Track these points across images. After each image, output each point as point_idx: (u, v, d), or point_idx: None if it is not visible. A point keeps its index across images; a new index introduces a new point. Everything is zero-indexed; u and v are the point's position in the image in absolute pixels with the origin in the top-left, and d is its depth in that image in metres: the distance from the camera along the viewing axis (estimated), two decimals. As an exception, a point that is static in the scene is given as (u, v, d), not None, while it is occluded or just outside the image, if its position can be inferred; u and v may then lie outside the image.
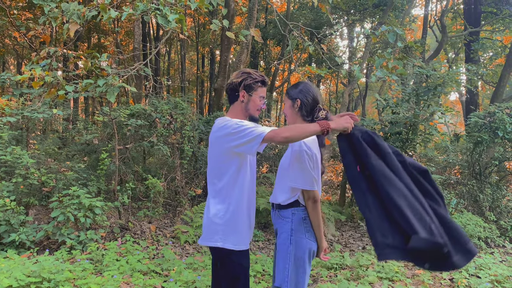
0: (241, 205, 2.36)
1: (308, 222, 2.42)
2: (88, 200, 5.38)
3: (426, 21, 16.07)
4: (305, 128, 2.19)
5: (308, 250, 2.39)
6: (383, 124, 7.60)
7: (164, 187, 6.91)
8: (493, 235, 6.38)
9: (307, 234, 2.40)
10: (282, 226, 2.45)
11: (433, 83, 6.14)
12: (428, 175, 2.37)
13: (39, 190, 6.13)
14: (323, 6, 4.82)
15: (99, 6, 4.64)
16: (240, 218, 2.35)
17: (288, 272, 2.35)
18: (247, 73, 2.46)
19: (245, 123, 2.27)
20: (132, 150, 7.39)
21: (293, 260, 2.36)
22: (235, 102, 2.49)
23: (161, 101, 7.62)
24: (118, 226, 6.02)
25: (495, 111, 7.00)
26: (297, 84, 2.57)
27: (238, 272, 2.32)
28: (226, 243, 2.29)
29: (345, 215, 7.49)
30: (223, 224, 2.30)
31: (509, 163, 9.72)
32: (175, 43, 24.20)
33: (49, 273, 3.38)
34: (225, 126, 2.29)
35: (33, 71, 3.81)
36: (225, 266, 2.33)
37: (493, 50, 13.14)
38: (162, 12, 3.32)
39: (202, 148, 7.77)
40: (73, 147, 7.71)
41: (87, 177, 6.73)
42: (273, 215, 2.56)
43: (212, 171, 2.41)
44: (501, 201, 7.32)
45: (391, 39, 4.60)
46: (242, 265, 2.33)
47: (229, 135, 2.25)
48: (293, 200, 2.41)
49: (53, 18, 4.72)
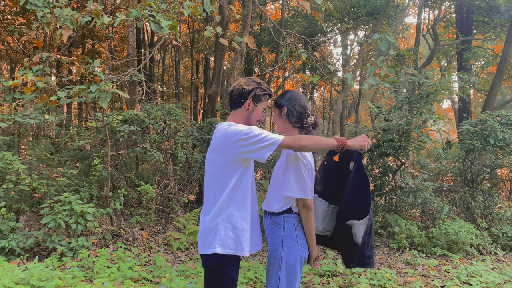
0: (243, 211, 2.33)
1: (300, 229, 2.42)
2: (80, 207, 5.34)
3: (419, 30, 16.22)
4: (322, 140, 2.29)
5: (300, 257, 2.39)
6: (376, 131, 7.63)
7: (157, 194, 6.88)
8: (485, 242, 6.40)
9: (299, 241, 2.40)
10: (274, 232, 2.45)
11: (425, 91, 6.18)
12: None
13: (30, 196, 6.08)
14: (316, 14, 4.84)
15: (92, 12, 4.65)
16: (241, 223, 2.32)
17: (279, 278, 2.35)
18: (258, 83, 2.47)
19: (253, 128, 2.24)
20: (125, 157, 7.36)
21: (285, 266, 2.36)
22: (238, 108, 2.45)
23: (155, 107, 7.60)
24: (110, 233, 5.97)
25: (486, 119, 7.05)
26: (284, 93, 2.61)
27: (226, 284, 2.30)
28: (226, 249, 2.25)
29: (338, 222, 7.48)
30: (223, 229, 2.27)
31: (500, 170, 9.80)
32: (169, 49, 24.23)
33: (38, 281, 3.34)
34: (233, 132, 2.23)
35: (25, 76, 3.79)
36: (214, 276, 2.30)
37: (485, 58, 13.27)
38: (156, 19, 3.32)
39: (195, 155, 7.76)
40: (66, 153, 7.66)
41: (79, 183, 6.68)
42: (265, 221, 2.56)
43: (214, 178, 2.34)
44: (493, 208, 7.37)
45: (383, 47, 4.63)
46: (232, 278, 2.31)
47: (239, 141, 2.20)
48: (286, 208, 2.42)
49: (46, 24, 4.71)
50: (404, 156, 7.20)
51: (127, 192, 6.63)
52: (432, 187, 7.30)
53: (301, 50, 4.58)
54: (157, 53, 23.96)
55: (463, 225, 6.42)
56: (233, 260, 2.31)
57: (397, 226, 6.54)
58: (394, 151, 7.14)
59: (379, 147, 7.30)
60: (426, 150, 12.70)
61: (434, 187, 7.55)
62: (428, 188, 7.04)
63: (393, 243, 6.43)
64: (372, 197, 2.67)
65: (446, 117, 7.08)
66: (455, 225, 6.33)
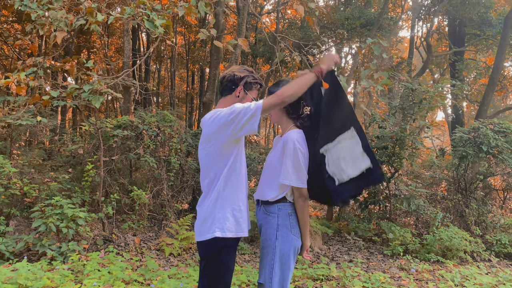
0: (240, 193, 2.32)
1: (294, 218, 2.40)
2: (71, 211, 5.28)
3: (412, 42, 16.39)
4: (302, 80, 2.25)
5: (294, 247, 2.38)
6: (370, 139, 7.65)
7: (150, 199, 6.83)
8: (479, 248, 6.38)
9: (293, 230, 2.38)
10: (267, 221, 2.42)
11: (418, 97, 6.22)
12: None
13: (21, 200, 6.01)
14: (310, 18, 4.89)
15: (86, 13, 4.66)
16: (238, 204, 2.31)
17: (273, 267, 2.32)
18: (250, 72, 2.46)
19: (235, 106, 2.21)
20: (118, 163, 7.31)
21: (279, 256, 2.34)
22: (228, 95, 2.43)
23: (149, 114, 7.59)
24: (102, 238, 5.90)
25: (479, 126, 7.10)
26: (278, 82, 2.57)
27: (223, 272, 2.27)
28: (225, 232, 2.23)
29: (333, 229, 7.45)
30: (221, 213, 2.25)
31: (494, 179, 9.83)
32: (165, 60, 24.32)
33: (26, 280, 3.28)
34: (219, 118, 2.23)
35: (18, 76, 3.78)
36: (211, 264, 2.27)
37: (477, 70, 13.42)
38: (150, 17, 3.33)
39: (189, 162, 7.73)
40: (58, 159, 7.61)
41: (71, 188, 6.62)
42: (258, 211, 2.53)
43: (208, 166, 2.33)
44: (487, 216, 7.37)
45: (376, 52, 4.66)
46: (228, 267, 2.29)
47: (227, 124, 2.19)
48: (281, 197, 2.40)
49: (40, 25, 4.71)
50: (397, 163, 7.21)
51: (120, 197, 6.57)
52: (425, 194, 7.30)
53: (295, 53, 4.61)
54: (153, 64, 24.05)
55: (457, 232, 6.41)
56: (231, 247, 2.29)
57: (391, 233, 6.52)
58: (388, 159, 7.16)
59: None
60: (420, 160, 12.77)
61: (428, 194, 7.55)
62: (422, 195, 7.04)
63: (387, 250, 6.40)
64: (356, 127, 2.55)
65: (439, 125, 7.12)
66: (449, 231, 6.32)
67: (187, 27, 20.21)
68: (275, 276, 2.32)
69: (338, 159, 2.43)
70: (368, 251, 6.59)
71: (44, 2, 4.85)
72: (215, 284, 2.27)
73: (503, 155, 6.76)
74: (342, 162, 2.44)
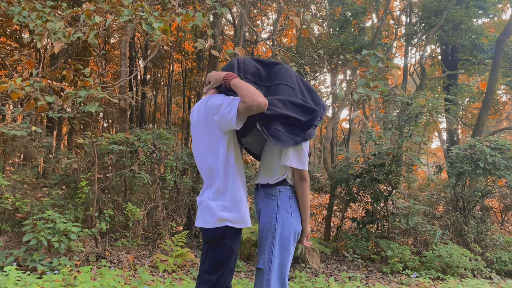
0: (238, 182, 2.28)
1: (294, 201, 2.36)
2: (64, 225, 5.17)
3: (406, 70, 16.66)
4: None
5: (294, 230, 2.31)
6: (367, 157, 7.64)
7: (144, 216, 6.71)
8: (479, 265, 6.26)
9: (293, 214, 2.33)
10: (267, 204, 2.37)
11: (414, 111, 6.25)
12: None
13: (12, 216, 5.89)
14: (306, 31, 4.95)
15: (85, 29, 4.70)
16: (239, 193, 2.27)
17: (273, 251, 2.25)
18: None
19: (226, 100, 2.22)
20: (112, 180, 7.22)
21: (278, 239, 2.27)
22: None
23: (145, 132, 7.56)
24: (94, 255, 5.75)
25: (475, 143, 7.11)
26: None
27: (227, 255, 2.20)
28: (231, 222, 2.20)
29: (330, 249, 7.32)
30: (227, 203, 2.22)
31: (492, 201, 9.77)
32: (162, 88, 24.51)
33: (14, 285, 3.16)
34: (209, 109, 2.26)
35: (13, 81, 3.76)
36: (215, 247, 2.21)
37: (470, 94, 13.61)
38: (148, 20, 3.35)
39: (185, 179, 7.65)
40: (52, 177, 7.51)
41: (64, 205, 6.51)
42: (257, 195, 2.48)
43: (205, 156, 2.32)
44: (486, 234, 7.27)
45: (372, 62, 4.71)
46: (233, 250, 2.23)
47: (214, 116, 2.22)
48: (282, 179, 2.36)
49: (38, 36, 4.73)
50: (395, 180, 7.16)
51: (113, 213, 6.45)
52: (424, 211, 7.23)
53: (291, 64, 4.64)
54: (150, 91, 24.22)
55: (456, 249, 6.31)
56: (235, 232, 2.24)
57: (390, 250, 6.40)
58: (385, 176, 7.11)
59: (370, 172, 7.28)
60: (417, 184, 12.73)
61: (426, 211, 7.48)
62: (420, 212, 6.97)
63: (386, 267, 6.27)
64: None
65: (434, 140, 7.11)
66: (448, 248, 6.22)
67: (184, 54, 20.51)
68: (274, 260, 2.24)
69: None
70: (367, 269, 6.45)
71: (42, 15, 4.90)
72: (219, 268, 2.19)
73: (501, 171, 6.73)
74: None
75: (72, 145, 12.21)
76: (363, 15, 15.03)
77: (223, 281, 2.19)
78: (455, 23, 13.49)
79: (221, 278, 2.18)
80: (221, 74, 2.28)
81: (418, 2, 16.15)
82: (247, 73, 2.35)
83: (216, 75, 2.32)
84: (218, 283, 2.17)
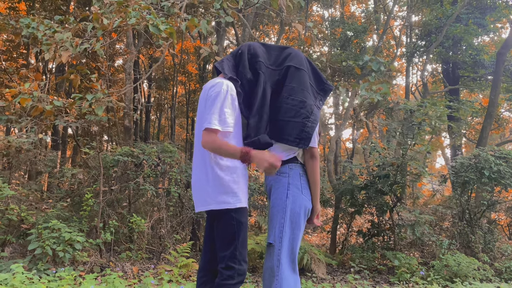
0: (239, 163, 2.29)
1: (305, 179, 2.39)
2: (69, 234, 5.17)
3: (408, 89, 16.80)
4: (227, 151, 2.17)
5: (304, 207, 2.33)
6: (371, 169, 7.63)
7: (148, 228, 6.69)
8: (488, 274, 6.18)
9: (304, 191, 2.35)
10: (278, 181, 2.40)
11: (417, 119, 6.27)
12: None
13: (17, 227, 5.89)
14: (308, 39, 5.04)
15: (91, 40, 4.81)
16: (241, 174, 2.28)
17: (284, 227, 2.26)
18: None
19: (218, 99, 2.22)
20: (117, 193, 7.23)
21: (289, 215, 2.28)
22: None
23: (149, 145, 7.61)
24: (99, 266, 5.72)
25: (479, 153, 7.10)
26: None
27: (237, 229, 2.19)
28: (236, 203, 2.21)
29: (337, 261, 7.24)
30: (232, 183, 2.22)
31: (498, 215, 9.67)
32: (165, 110, 24.71)
33: (21, 283, 3.15)
34: (208, 97, 2.28)
35: (21, 85, 3.84)
36: (223, 224, 2.20)
37: (473, 109, 13.65)
38: (154, 23, 3.45)
39: (189, 192, 7.64)
40: (57, 191, 7.53)
41: (69, 218, 6.50)
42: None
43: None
44: (494, 244, 7.19)
45: (374, 67, 4.78)
46: (241, 222, 2.21)
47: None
48: (292, 156, 2.39)
49: (46, 46, 4.84)
50: (400, 191, 7.14)
51: (118, 224, 6.44)
52: (430, 221, 7.17)
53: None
54: (153, 114, 24.41)
55: (464, 257, 6.23)
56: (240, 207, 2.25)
57: (396, 260, 6.33)
58: (390, 188, 7.08)
59: (374, 184, 7.26)
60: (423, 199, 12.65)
61: (432, 222, 7.42)
62: (425, 221, 6.91)
63: (394, 278, 6.19)
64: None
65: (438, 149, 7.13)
66: (455, 257, 6.15)
67: (187, 76, 20.76)
68: (285, 235, 2.25)
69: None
70: (374, 280, 6.37)
71: (50, 25, 5.01)
72: (231, 242, 2.18)
73: (506, 180, 6.71)
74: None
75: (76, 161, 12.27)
76: (364, 34, 15.25)
77: (238, 255, 2.17)
78: (455, 40, 13.67)
79: (236, 252, 2.17)
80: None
81: (418, 21, 16.42)
82: (258, 57, 2.41)
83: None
84: (233, 257, 2.16)
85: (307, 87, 2.41)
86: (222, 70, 2.33)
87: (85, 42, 4.89)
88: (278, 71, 2.44)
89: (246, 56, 2.39)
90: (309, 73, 2.50)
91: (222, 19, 4.57)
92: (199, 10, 10.20)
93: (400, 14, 18.31)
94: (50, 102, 4.06)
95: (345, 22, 15.39)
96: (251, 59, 2.39)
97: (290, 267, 2.25)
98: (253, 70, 2.36)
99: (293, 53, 2.49)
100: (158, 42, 3.66)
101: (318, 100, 2.46)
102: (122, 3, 3.91)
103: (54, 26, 5.04)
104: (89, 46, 4.80)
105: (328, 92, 2.51)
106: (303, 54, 2.60)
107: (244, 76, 2.33)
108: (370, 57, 4.84)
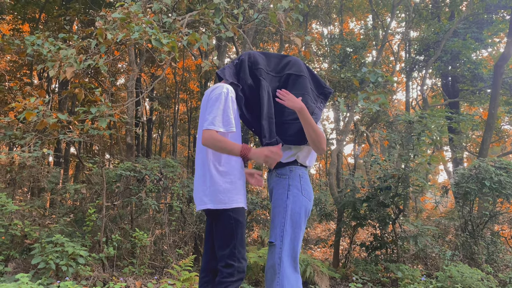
0: (236, 166, 2.36)
1: (305, 180, 2.45)
2: (72, 248, 5.19)
3: (408, 103, 16.93)
4: (227, 148, 2.22)
5: (305, 207, 2.39)
6: (372, 181, 7.66)
7: (151, 243, 6.69)
8: (492, 285, 6.14)
9: (304, 192, 2.42)
10: (279, 183, 2.48)
11: (417, 130, 6.33)
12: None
13: (20, 242, 5.91)
14: (307, 53, 5.14)
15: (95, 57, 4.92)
16: (239, 176, 2.34)
17: (285, 226, 2.31)
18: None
19: (219, 103, 2.30)
20: (120, 209, 7.26)
21: (290, 214, 2.35)
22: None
23: (151, 161, 7.67)
24: (102, 280, 5.72)
25: (480, 163, 7.14)
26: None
27: (235, 228, 2.24)
28: (232, 203, 2.26)
29: (340, 274, 7.21)
30: (227, 184, 2.28)
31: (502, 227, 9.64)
32: (167, 127, 24.85)
33: (25, 293, 3.17)
34: (208, 101, 2.36)
35: (27, 100, 3.92)
36: (221, 223, 2.26)
37: (473, 122, 13.72)
38: (157, 37, 3.54)
39: (191, 207, 7.67)
40: (60, 207, 7.57)
41: (72, 233, 6.53)
42: (270, 177, 2.58)
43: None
44: (498, 255, 7.16)
45: (372, 78, 4.87)
46: (239, 221, 2.27)
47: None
48: (293, 159, 2.47)
49: (50, 62, 4.94)
50: (401, 203, 7.15)
51: (121, 239, 6.46)
52: (432, 231, 7.17)
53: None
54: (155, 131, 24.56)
55: (467, 268, 6.21)
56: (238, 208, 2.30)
57: (400, 272, 6.31)
58: (391, 200, 7.10)
59: (376, 196, 7.28)
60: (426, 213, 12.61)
61: (435, 233, 7.41)
62: (428, 232, 6.91)
63: (397, 290, 6.17)
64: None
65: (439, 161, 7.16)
66: (459, 267, 6.12)
67: (189, 93, 20.97)
68: (286, 235, 2.31)
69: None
70: (377, 292, 6.34)
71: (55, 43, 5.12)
72: (230, 240, 2.23)
73: (507, 190, 6.72)
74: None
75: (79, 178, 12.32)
76: (363, 50, 15.45)
77: (237, 253, 2.22)
78: (454, 54, 13.82)
79: (235, 250, 2.22)
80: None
81: (416, 36, 16.62)
82: (258, 65, 2.50)
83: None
84: (233, 255, 2.21)
85: (308, 92, 2.52)
86: (224, 76, 2.42)
87: (89, 58, 5.00)
88: (278, 77, 2.54)
89: (247, 64, 2.48)
90: (309, 79, 2.59)
91: (222, 34, 4.68)
92: (200, 28, 10.39)
93: (399, 30, 18.57)
94: (55, 116, 4.14)
95: (344, 38, 15.59)
96: (252, 66, 2.48)
97: (291, 265, 2.30)
98: (254, 76, 2.46)
99: (293, 61, 2.59)
100: (160, 56, 3.75)
101: (319, 103, 2.57)
102: (125, 20, 4.02)
103: (58, 43, 5.16)
104: (93, 62, 4.91)
105: (328, 95, 2.62)
106: (302, 61, 2.68)
107: (245, 81, 2.42)
108: (368, 68, 4.93)
